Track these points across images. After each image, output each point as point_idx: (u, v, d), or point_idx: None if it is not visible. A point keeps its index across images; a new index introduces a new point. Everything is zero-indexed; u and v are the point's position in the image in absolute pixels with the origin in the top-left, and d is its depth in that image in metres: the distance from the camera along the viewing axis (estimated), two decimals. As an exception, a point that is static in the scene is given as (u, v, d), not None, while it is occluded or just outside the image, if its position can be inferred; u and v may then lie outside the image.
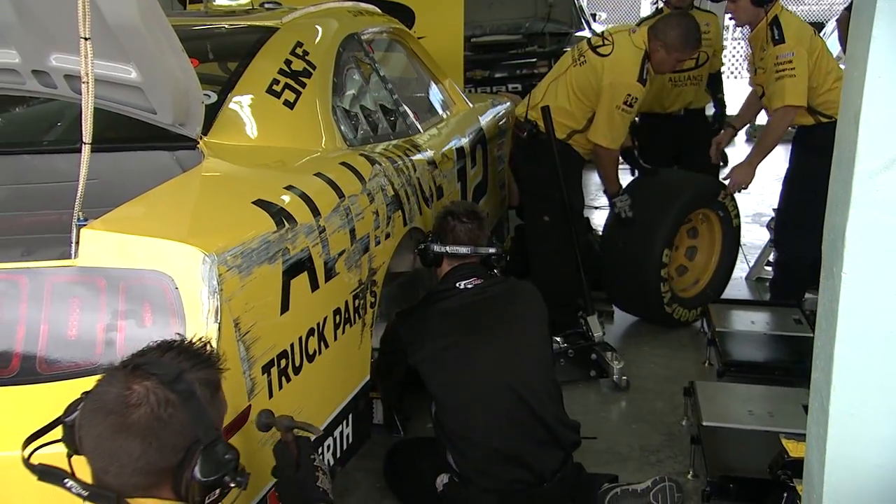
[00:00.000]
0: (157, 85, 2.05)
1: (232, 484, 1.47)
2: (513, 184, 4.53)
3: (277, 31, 2.89)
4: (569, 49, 4.39)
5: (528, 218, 4.24)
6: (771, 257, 4.59)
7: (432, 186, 3.23)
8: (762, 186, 4.04)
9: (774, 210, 4.28)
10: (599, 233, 4.48)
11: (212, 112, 2.40)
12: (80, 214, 1.76)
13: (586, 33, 6.98)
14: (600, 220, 4.65)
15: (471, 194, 3.85)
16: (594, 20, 8.30)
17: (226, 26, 3.21)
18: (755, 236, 5.52)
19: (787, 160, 4.08)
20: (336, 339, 2.34)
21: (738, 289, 4.72)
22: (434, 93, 4.06)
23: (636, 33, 3.76)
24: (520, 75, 7.04)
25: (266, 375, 1.96)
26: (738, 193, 4.06)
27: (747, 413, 2.90)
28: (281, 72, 2.68)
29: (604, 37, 3.85)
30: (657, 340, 4.02)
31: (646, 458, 3.01)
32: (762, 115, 4.36)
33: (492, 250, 2.85)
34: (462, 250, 2.79)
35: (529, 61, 7.13)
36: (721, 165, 7.10)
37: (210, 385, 1.48)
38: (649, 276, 3.91)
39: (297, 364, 2.11)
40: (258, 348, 1.91)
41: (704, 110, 5.08)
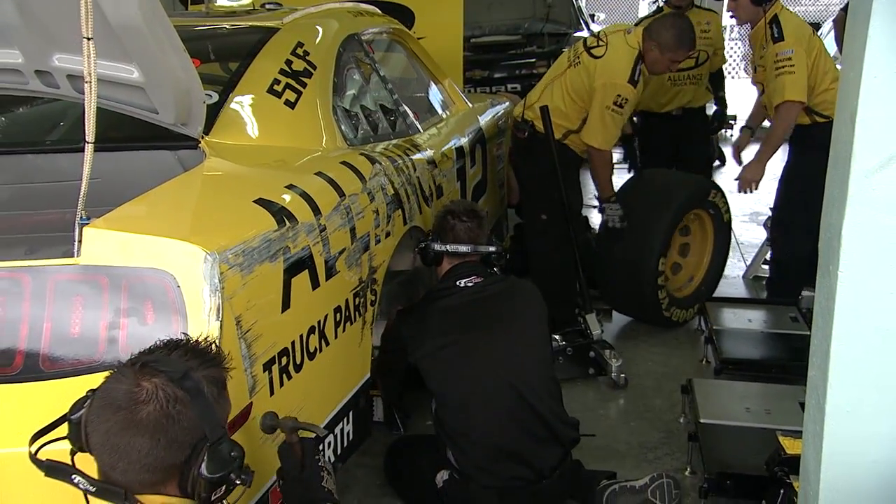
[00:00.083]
0: (159, 85, 2.05)
1: (237, 481, 1.47)
2: (513, 182, 4.54)
3: (278, 32, 2.90)
4: (567, 49, 4.39)
5: (527, 216, 4.25)
6: (768, 256, 4.60)
7: (432, 185, 3.24)
8: (760, 185, 4.03)
9: (771, 209, 4.28)
10: (597, 231, 4.49)
11: (213, 112, 2.41)
12: (83, 213, 1.77)
13: (585, 34, 6.98)
14: (599, 219, 4.64)
15: (470, 193, 3.85)
16: (593, 20, 8.31)
17: (227, 27, 3.22)
18: (752, 235, 5.54)
19: (784, 159, 4.09)
20: (337, 337, 2.35)
21: (736, 287, 4.74)
22: (434, 93, 4.07)
23: (631, 34, 3.77)
24: (519, 75, 7.06)
25: (267, 373, 1.97)
26: (749, 193, 4.04)
27: (744, 410, 2.92)
28: (282, 72, 2.69)
29: (599, 38, 3.86)
30: (655, 338, 4.03)
31: (644, 455, 3.02)
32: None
33: (492, 249, 2.86)
34: (462, 249, 2.81)
35: (528, 61, 7.14)
36: (717, 165, 7.14)
37: (216, 383, 1.49)
38: (647, 289, 3.91)
39: (299, 362, 2.12)
40: (259, 346, 1.92)
41: (704, 109, 5.06)
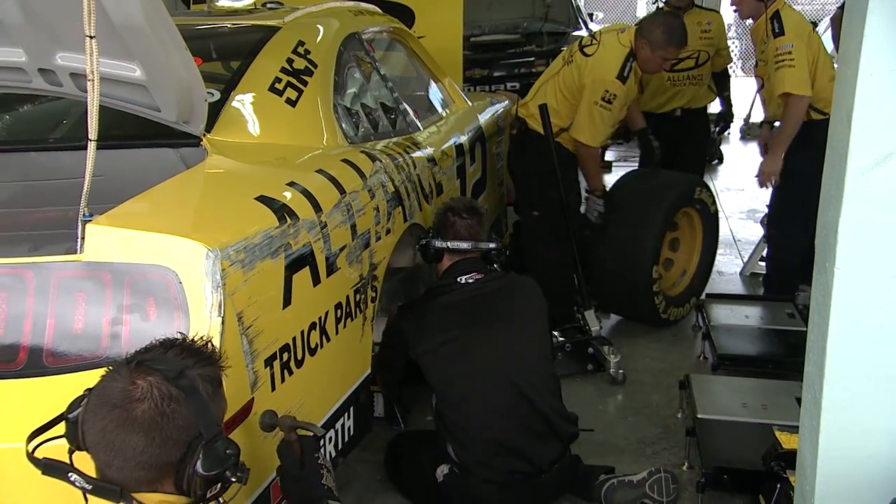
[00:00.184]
0: (162, 83, 2.06)
1: (233, 479, 1.48)
2: (510, 180, 4.56)
3: (279, 31, 2.91)
4: (565, 48, 4.41)
5: (521, 214, 4.28)
6: (764, 253, 4.61)
7: (432, 183, 3.25)
8: (756, 183, 4.05)
9: (768, 206, 4.30)
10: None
11: (215, 110, 2.42)
12: (86, 210, 1.78)
13: (583, 33, 7.00)
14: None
15: (470, 191, 3.86)
16: (591, 20, 8.33)
17: (228, 26, 3.22)
18: (749, 232, 5.56)
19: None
20: (337, 333, 2.36)
21: (733, 284, 4.77)
22: (433, 91, 4.08)
23: (624, 32, 3.80)
24: (518, 74, 7.07)
25: (268, 369, 1.98)
26: (770, 187, 4.03)
27: (741, 406, 2.93)
28: (283, 70, 2.70)
29: (593, 36, 3.90)
30: (653, 335, 4.04)
31: (642, 450, 3.04)
32: (757, 113, 4.38)
33: (492, 245, 2.88)
34: (462, 245, 2.82)
35: (527, 60, 7.17)
36: (716, 163, 7.15)
37: (212, 382, 1.50)
38: (643, 298, 3.93)
39: (300, 357, 2.13)
40: (261, 342, 1.93)
41: (706, 109, 5.06)
